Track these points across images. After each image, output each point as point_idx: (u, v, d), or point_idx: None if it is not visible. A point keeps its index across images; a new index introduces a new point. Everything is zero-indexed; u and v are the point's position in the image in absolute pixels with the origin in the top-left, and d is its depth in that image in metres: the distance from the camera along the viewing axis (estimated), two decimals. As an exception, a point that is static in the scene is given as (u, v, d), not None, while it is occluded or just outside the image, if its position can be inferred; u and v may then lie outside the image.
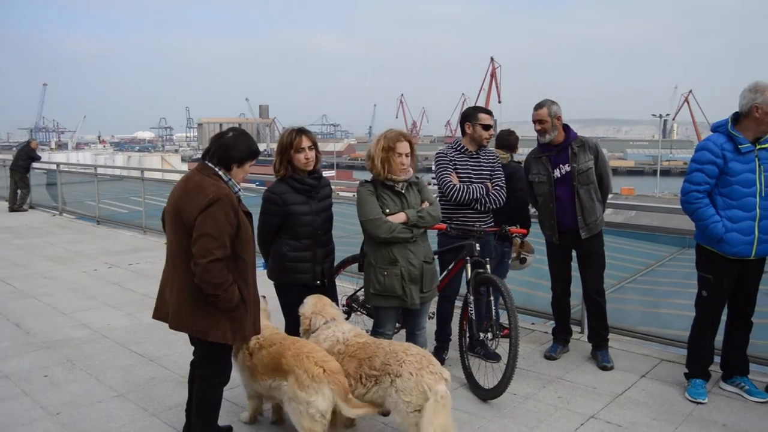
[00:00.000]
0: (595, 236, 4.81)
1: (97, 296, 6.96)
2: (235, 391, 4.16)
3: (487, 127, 4.79)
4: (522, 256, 5.31)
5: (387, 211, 3.88)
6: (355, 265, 4.57)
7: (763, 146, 4.07)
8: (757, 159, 4.05)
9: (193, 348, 3.51)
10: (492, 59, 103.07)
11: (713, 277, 4.19)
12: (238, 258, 3.20)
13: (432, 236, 4.42)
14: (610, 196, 5.05)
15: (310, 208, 3.95)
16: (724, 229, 4.04)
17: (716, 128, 4.19)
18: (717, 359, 4.52)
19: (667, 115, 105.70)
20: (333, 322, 3.68)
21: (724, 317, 4.40)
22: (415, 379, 3.21)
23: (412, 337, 4.13)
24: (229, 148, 3.22)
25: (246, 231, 3.23)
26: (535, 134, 4.87)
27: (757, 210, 4.02)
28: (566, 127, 4.82)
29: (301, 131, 3.96)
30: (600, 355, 4.86)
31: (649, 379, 4.60)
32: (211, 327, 3.21)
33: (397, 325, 4.43)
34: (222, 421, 3.63)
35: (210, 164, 3.25)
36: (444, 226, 4.58)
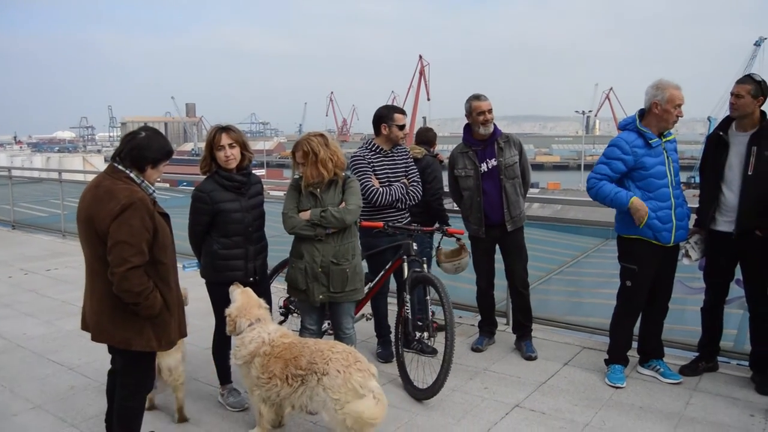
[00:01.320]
0: (519, 229, 4.96)
1: (12, 304, 6.65)
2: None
3: (402, 127, 4.84)
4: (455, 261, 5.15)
5: (300, 207, 3.95)
6: None
7: (667, 139, 4.31)
8: (665, 151, 4.28)
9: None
10: (420, 57, 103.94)
11: (638, 267, 4.37)
12: (158, 262, 3.09)
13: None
14: (536, 191, 5.21)
15: (240, 205, 3.93)
16: (628, 196, 4.22)
17: (624, 126, 4.41)
18: (635, 345, 4.72)
19: (590, 111, 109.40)
20: (258, 324, 3.64)
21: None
22: (342, 376, 3.21)
23: (337, 339, 4.13)
24: (143, 149, 3.08)
25: (164, 234, 3.12)
26: (461, 131, 5.01)
27: (672, 199, 4.24)
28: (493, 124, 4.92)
29: (222, 129, 3.92)
30: (524, 346, 4.99)
31: (571, 367, 4.76)
32: (134, 336, 3.10)
33: (328, 324, 4.44)
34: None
35: (120, 167, 3.10)
36: (381, 224, 4.61)
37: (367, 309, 4.94)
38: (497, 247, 5.08)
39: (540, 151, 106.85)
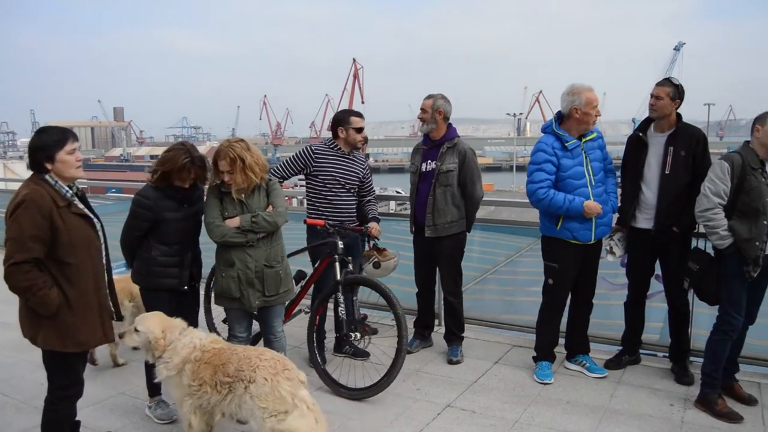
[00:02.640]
0: (447, 239, 4.86)
1: None
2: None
3: (359, 130, 4.83)
4: (376, 260, 5.10)
5: (226, 214, 3.85)
6: None
7: (587, 139, 4.43)
8: (584, 152, 4.40)
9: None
10: (354, 60, 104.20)
11: (558, 266, 4.48)
12: (63, 262, 3.06)
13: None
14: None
15: (182, 214, 3.85)
16: (581, 201, 4.31)
17: (544, 130, 4.54)
18: (562, 341, 4.83)
19: (521, 113, 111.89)
20: (187, 330, 3.56)
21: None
22: (270, 384, 3.16)
23: (268, 343, 4.08)
24: (34, 151, 3.10)
25: (73, 234, 3.07)
26: (399, 133, 5.00)
27: (591, 198, 4.35)
28: (450, 127, 4.89)
29: (193, 161, 3.77)
30: (450, 350, 5.01)
31: (501, 365, 4.84)
32: (37, 333, 3.13)
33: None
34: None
35: (34, 172, 3.13)
36: (323, 222, 4.60)
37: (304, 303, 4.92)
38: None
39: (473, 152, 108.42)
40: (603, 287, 4.90)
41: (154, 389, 4.08)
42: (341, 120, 4.85)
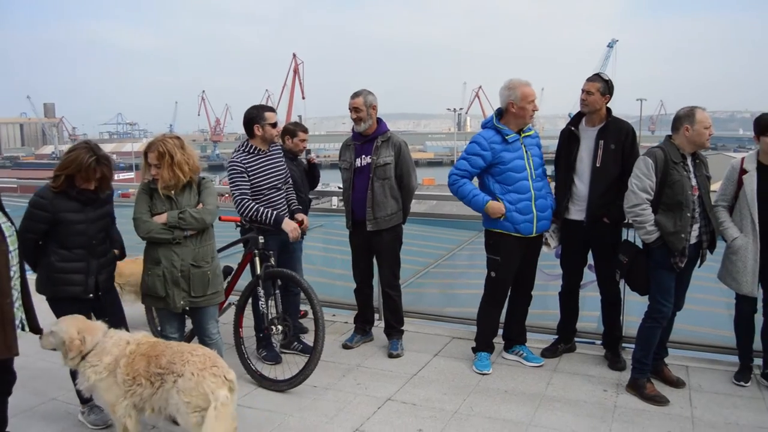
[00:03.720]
0: (386, 231, 4.89)
1: None
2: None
3: (274, 125, 4.74)
4: None
5: (155, 210, 3.76)
6: None
7: (526, 134, 4.51)
8: (523, 146, 4.47)
9: None
10: (294, 55, 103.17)
11: (501, 259, 4.55)
12: None
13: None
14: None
15: (85, 216, 3.65)
16: (485, 199, 4.41)
17: (485, 125, 4.59)
18: (501, 332, 4.92)
19: (461, 109, 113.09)
20: (111, 331, 3.47)
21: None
22: (195, 379, 3.13)
23: (203, 345, 4.00)
24: None
25: None
26: (341, 128, 4.97)
27: (532, 191, 4.43)
28: (379, 120, 4.90)
29: (98, 160, 3.61)
30: (390, 344, 5.04)
31: (441, 357, 4.89)
32: None
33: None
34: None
35: None
36: (239, 218, 4.58)
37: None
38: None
39: (414, 148, 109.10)
40: (539, 278, 5.00)
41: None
42: (255, 116, 4.66)
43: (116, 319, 3.98)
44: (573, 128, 4.61)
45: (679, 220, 3.93)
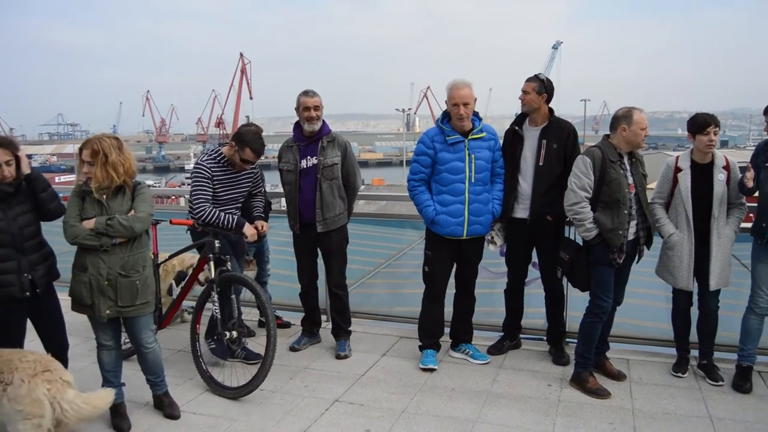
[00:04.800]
0: (335, 232, 4.89)
1: None
2: None
3: (248, 162, 4.65)
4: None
5: (86, 215, 3.63)
6: None
7: (474, 137, 4.53)
8: (467, 149, 4.50)
9: None
10: (242, 55, 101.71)
11: (432, 254, 4.62)
12: None
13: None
14: (362, 187, 5.20)
15: (3, 214, 3.57)
16: (435, 212, 4.47)
17: (436, 122, 4.63)
18: (448, 330, 4.96)
19: (409, 109, 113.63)
20: None
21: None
22: (27, 386, 3.07)
23: (139, 354, 3.92)
24: None
25: None
26: (287, 130, 4.93)
27: (467, 194, 4.47)
28: (324, 121, 4.88)
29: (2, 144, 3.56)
30: (338, 345, 5.02)
31: (389, 357, 4.91)
32: None
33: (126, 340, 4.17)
34: None
35: None
36: (191, 221, 4.50)
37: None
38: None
39: (364, 148, 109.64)
40: (485, 276, 5.06)
41: None
42: (238, 140, 4.59)
43: (54, 324, 3.87)
44: (517, 128, 4.68)
45: (616, 217, 4.04)
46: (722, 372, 4.39)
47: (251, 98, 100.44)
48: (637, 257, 4.33)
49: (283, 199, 5.18)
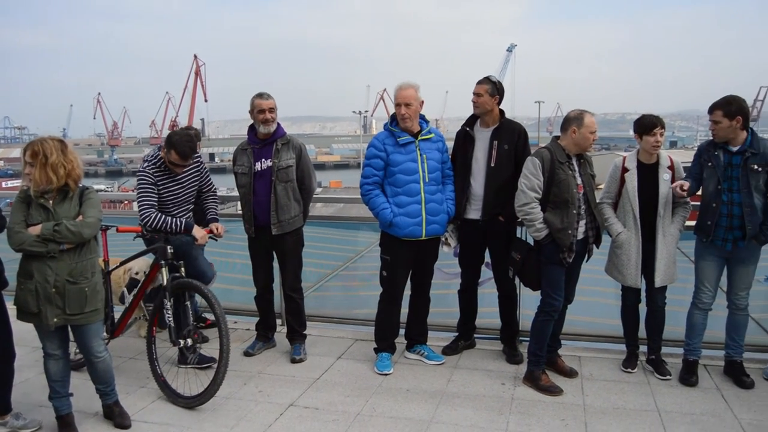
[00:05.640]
0: (290, 234, 4.86)
1: None
2: None
3: (177, 166, 4.59)
4: None
5: (31, 221, 3.52)
6: None
7: (424, 138, 4.56)
8: (418, 150, 4.52)
9: None
10: (195, 56, 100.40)
11: (390, 258, 4.61)
12: None
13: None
14: (319, 190, 5.18)
15: None
16: (392, 215, 4.47)
17: (385, 126, 4.65)
18: (403, 331, 4.97)
19: (366, 111, 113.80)
20: None
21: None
22: None
23: (89, 364, 3.82)
24: None
25: None
26: (243, 133, 4.89)
27: (422, 194, 4.49)
28: (276, 124, 4.84)
29: None
30: (293, 349, 4.99)
31: (344, 360, 4.89)
32: None
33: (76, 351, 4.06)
34: None
35: None
36: (139, 228, 4.41)
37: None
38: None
39: (321, 150, 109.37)
40: (439, 277, 5.09)
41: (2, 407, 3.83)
42: (167, 143, 4.57)
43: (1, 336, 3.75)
44: (468, 129, 4.73)
45: (566, 217, 4.10)
46: (670, 366, 4.51)
47: (206, 100, 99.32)
48: (586, 256, 4.41)
49: (239, 203, 5.13)
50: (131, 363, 4.87)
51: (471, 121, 4.76)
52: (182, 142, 4.53)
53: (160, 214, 4.46)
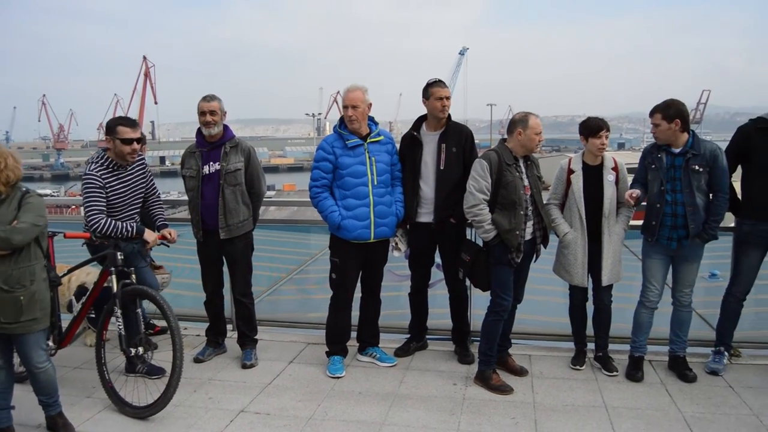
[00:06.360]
0: (239, 238, 4.81)
1: None
2: None
3: (128, 141, 4.42)
4: None
5: None
6: None
7: (373, 140, 4.58)
8: (367, 152, 4.53)
9: None
10: (145, 58, 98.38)
11: (339, 261, 4.60)
12: None
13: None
14: (272, 193, 5.13)
15: None
16: (340, 217, 4.46)
17: (334, 128, 4.65)
18: (355, 334, 4.96)
19: (320, 114, 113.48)
20: None
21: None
22: None
23: (30, 375, 3.70)
24: None
25: None
26: (193, 136, 4.83)
27: (371, 197, 4.50)
28: (226, 127, 4.79)
29: None
30: (244, 354, 4.93)
31: (296, 364, 4.86)
32: None
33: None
34: None
35: None
36: (88, 235, 4.31)
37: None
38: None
39: (274, 153, 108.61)
40: (390, 279, 5.10)
41: None
42: (109, 128, 4.46)
43: None
44: (415, 133, 4.75)
45: (513, 218, 4.16)
46: (616, 362, 4.61)
47: (156, 103, 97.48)
48: (534, 256, 4.48)
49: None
50: (77, 373, 4.74)
51: (418, 124, 4.79)
52: (121, 117, 4.55)
53: (110, 219, 4.34)
